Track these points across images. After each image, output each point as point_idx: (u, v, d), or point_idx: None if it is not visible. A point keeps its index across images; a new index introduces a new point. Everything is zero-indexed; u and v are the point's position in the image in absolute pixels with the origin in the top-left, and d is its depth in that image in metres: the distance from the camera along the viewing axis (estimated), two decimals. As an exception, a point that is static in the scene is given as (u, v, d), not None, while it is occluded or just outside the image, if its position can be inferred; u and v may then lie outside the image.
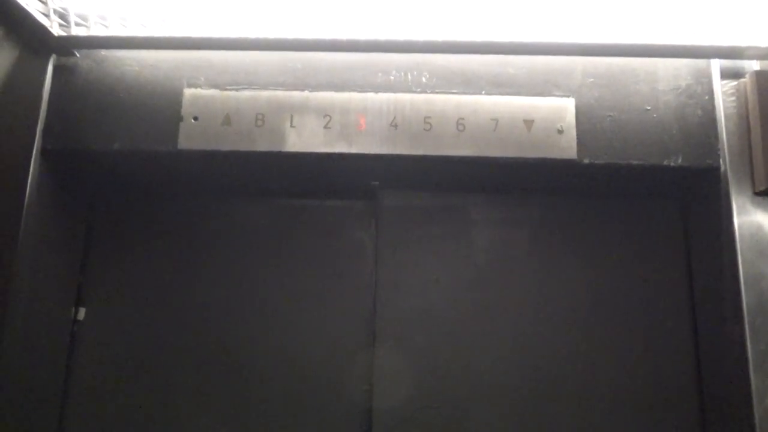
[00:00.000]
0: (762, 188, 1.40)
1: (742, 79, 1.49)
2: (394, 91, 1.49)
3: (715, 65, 1.50)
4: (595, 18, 1.39)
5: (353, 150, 1.45)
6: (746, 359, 1.33)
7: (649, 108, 1.48)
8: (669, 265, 1.63)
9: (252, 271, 1.68)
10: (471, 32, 1.40)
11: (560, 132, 1.46)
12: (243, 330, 1.63)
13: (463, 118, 1.47)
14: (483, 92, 1.49)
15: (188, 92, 1.49)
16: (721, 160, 1.44)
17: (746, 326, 1.35)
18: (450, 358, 1.57)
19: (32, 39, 1.43)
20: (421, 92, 1.49)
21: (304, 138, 1.46)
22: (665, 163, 1.44)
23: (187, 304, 1.66)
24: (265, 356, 1.61)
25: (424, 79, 1.50)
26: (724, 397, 1.43)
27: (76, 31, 1.42)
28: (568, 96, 1.48)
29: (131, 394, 1.60)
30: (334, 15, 1.38)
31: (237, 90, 1.49)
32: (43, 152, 1.45)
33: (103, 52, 1.51)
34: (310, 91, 1.49)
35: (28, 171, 1.41)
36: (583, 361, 1.57)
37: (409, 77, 1.50)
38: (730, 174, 1.43)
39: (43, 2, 1.33)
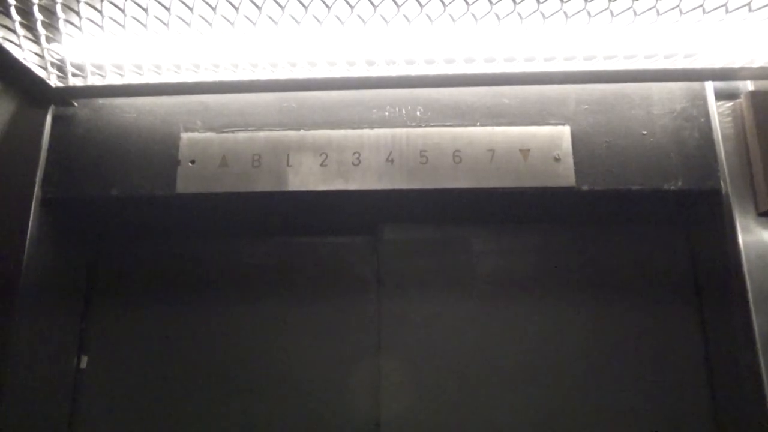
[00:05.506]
0: (765, 209, 1.37)
1: (738, 100, 1.48)
2: (390, 126, 1.49)
3: (710, 87, 1.49)
4: (588, 45, 1.39)
5: (350, 187, 1.45)
6: (761, 385, 1.29)
7: (645, 132, 1.47)
8: (676, 291, 1.60)
9: (255, 311, 1.66)
10: (463, 65, 1.40)
11: (557, 160, 1.45)
12: (248, 373, 1.61)
13: (459, 150, 1.46)
14: (478, 123, 1.49)
15: (185, 136, 1.50)
16: (721, 182, 1.43)
17: (759, 352, 1.31)
18: (456, 392, 1.54)
19: (31, 91, 1.45)
20: (416, 126, 1.49)
21: (301, 177, 1.46)
22: (665, 187, 1.42)
23: (190, 345, 1.64)
24: (270, 396, 1.59)
25: (418, 113, 1.51)
26: (740, 427, 1.38)
27: (73, 82, 1.44)
28: (564, 124, 1.48)
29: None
30: (327, 54, 1.40)
31: (233, 132, 1.50)
32: (43, 201, 1.46)
33: (101, 101, 1.53)
34: (305, 130, 1.49)
35: (28, 220, 1.42)
36: (590, 392, 1.53)
37: (404, 112, 1.51)
38: (732, 195, 1.41)
39: (40, 56, 1.35)
